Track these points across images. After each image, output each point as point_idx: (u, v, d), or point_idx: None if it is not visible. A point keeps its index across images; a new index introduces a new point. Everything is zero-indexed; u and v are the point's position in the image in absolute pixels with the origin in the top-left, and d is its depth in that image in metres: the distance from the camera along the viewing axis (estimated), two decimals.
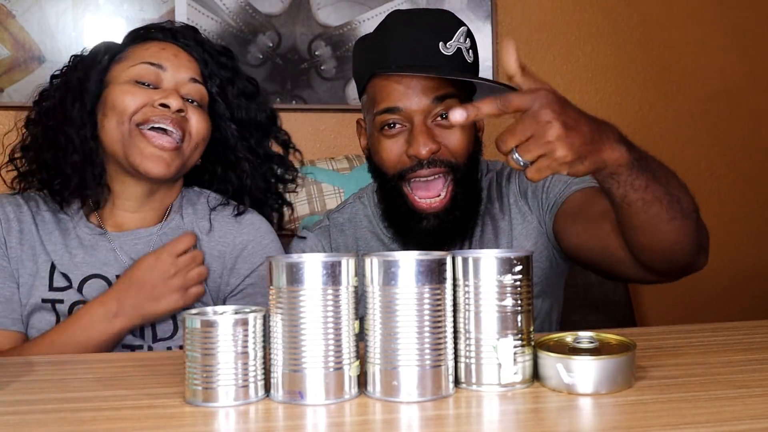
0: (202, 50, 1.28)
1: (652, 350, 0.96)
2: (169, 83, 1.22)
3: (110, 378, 0.90)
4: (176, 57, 1.24)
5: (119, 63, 1.25)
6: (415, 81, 1.26)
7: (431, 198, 1.28)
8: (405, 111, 1.27)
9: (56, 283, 1.21)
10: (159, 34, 1.28)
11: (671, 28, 2.36)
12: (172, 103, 1.19)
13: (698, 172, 2.39)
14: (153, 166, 1.18)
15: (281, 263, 0.77)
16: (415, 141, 1.25)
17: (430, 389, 0.77)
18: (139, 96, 1.19)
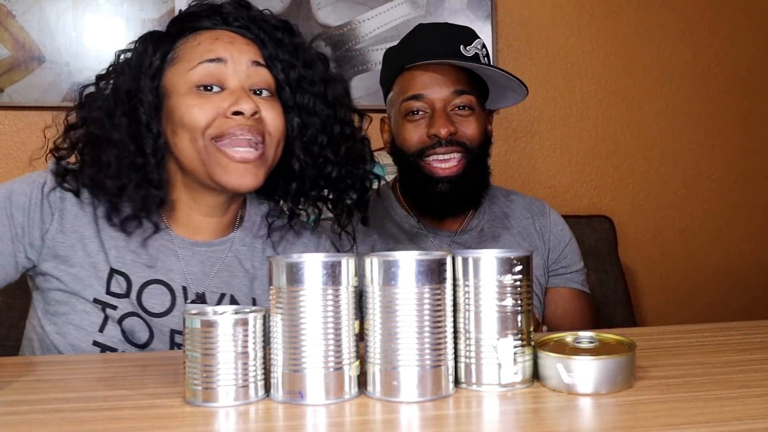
0: (258, 29, 1.16)
1: (652, 350, 0.96)
2: (233, 79, 1.11)
3: (110, 378, 0.90)
4: (232, 44, 1.13)
5: (174, 66, 1.13)
6: (438, 73, 1.47)
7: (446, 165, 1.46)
8: (428, 98, 1.46)
9: (113, 287, 1.12)
10: (207, 21, 1.15)
11: (671, 28, 2.36)
12: (245, 108, 1.08)
13: (698, 172, 2.39)
14: (241, 181, 1.10)
15: (281, 263, 0.77)
16: (435, 123, 1.44)
17: (430, 389, 0.77)
18: (208, 107, 1.09)
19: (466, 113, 1.48)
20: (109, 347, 1.10)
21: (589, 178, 2.33)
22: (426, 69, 1.47)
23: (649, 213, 2.37)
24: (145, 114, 1.11)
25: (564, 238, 1.62)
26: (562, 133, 2.32)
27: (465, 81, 1.48)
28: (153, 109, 1.12)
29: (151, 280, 1.14)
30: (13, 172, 2.02)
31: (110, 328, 1.11)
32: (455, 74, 1.47)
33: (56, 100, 2.00)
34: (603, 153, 2.34)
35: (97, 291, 1.12)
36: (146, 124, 1.11)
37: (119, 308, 1.11)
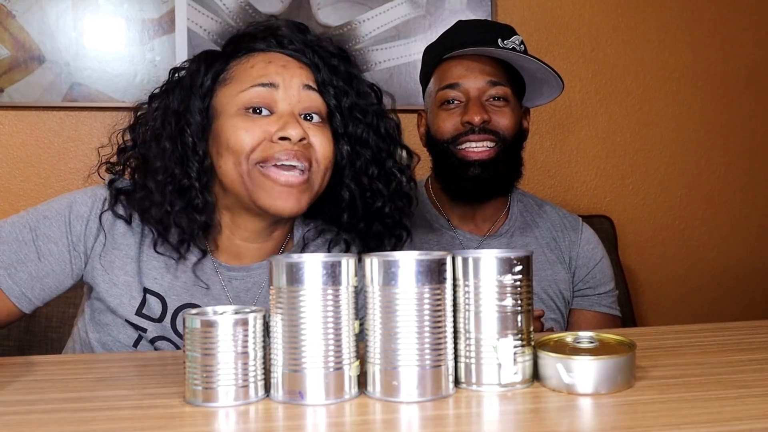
0: (313, 53, 1.13)
1: (652, 350, 0.96)
2: (284, 104, 1.09)
3: (110, 378, 0.90)
4: (285, 69, 1.10)
5: (225, 86, 1.12)
6: (474, 64, 1.50)
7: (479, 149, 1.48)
8: (463, 87, 1.49)
9: (145, 310, 1.13)
10: (262, 43, 1.13)
11: (671, 28, 2.36)
12: (293, 134, 1.06)
13: (698, 172, 2.39)
14: (284, 206, 1.07)
15: (281, 263, 0.77)
16: (470, 110, 1.47)
17: (430, 389, 0.77)
18: (256, 130, 1.07)
19: (500, 104, 1.50)
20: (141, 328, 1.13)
21: (589, 178, 2.33)
22: (462, 60, 1.50)
23: (649, 213, 2.37)
24: (192, 136, 1.10)
25: (594, 258, 1.59)
26: (562, 133, 2.32)
27: (501, 73, 1.51)
28: (200, 130, 1.11)
29: (187, 304, 1.14)
30: (13, 172, 2.02)
31: (144, 345, 1.13)
32: (491, 66, 1.50)
33: (56, 100, 2.00)
34: (603, 153, 2.34)
35: (128, 312, 1.13)
36: (192, 146, 1.10)
37: (149, 331, 1.12)
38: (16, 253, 1.10)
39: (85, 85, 2.01)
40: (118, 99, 2.02)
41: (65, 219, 1.13)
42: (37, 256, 1.11)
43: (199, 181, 1.10)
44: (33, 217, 1.13)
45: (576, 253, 1.58)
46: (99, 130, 2.05)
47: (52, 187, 2.02)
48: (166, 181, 1.09)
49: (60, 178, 2.03)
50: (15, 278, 1.10)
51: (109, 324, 1.14)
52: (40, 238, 1.11)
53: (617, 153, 2.35)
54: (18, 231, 1.11)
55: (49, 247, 1.11)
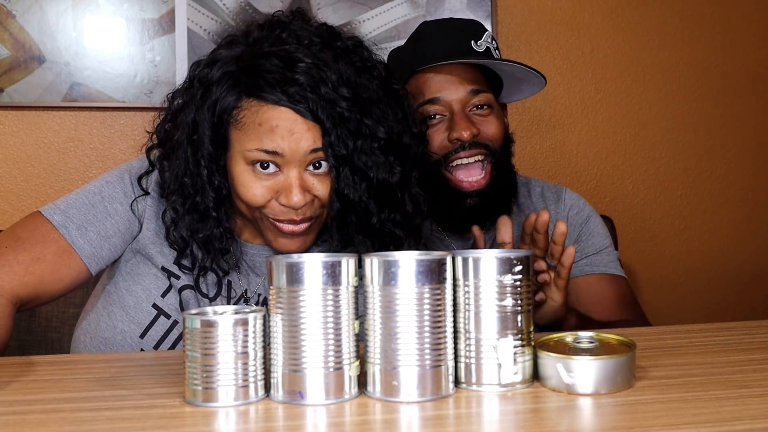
0: (323, 111, 1.07)
1: (652, 350, 0.96)
2: (290, 166, 1.09)
3: (110, 378, 0.90)
4: (292, 134, 1.07)
5: (235, 130, 1.11)
6: (453, 73, 1.40)
7: (472, 177, 1.40)
8: (445, 101, 1.40)
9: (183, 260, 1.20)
10: (273, 94, 1.07)
11: (671, 28, 2.36)
12: (295, 202, 1.09)
13: (698, 172, 2.39)
14: (289, 248, 1.15)
15: (281, 263, 0.77)
16: (457, 125, 1.38)
17: (430, 389, 0.77)
18: (262, 190, 1.10)
19: (485, 112, 1.42)
20: (165, 312, 1.19)
21: (589, 178, 2.33)
22: (439, 70, 1.40)
23: (649, 213, 2.37)
24: (206, 168, 1.13)
25: (578, 220, 1.50)
26: (562, 133, 2.32)
27: (480, 79, 1.42)
28: (213, 161, 1.13)
29: (209, 267, 1.20)
30: (13, 172, 2.02)
31: (171, 296, 1.19)
32: (470, 72, 1.41)
33: (56, 100, 2.00)
34: (603, 153, 2.34)
35: (167, 261, 1.20)
36: (207, 179, 1.13)
37: (182, 278, 1.19)
38: (86, 215, 1.17)
39: (85, 85, 2.01)
40: (118, 99, 2.02)
41: (126, 179, 1.21)
42: (105, 215, 1.18)
43: (216, 212, 1.15)
44: (96, 183, 1.22)
45: None
46: (99, 130, 2.05)
47: (52, 187, 2.02)
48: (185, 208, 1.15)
49: (60, 178, 2.03)
50: (87, 238, 1.17)
51: (142, 274, 1.21)
52: (106, 199, 1.19)
53: (617, 153, 2.35)
54: (85, 196, 1.20)
55: (115, 206, 1.19)
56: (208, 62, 1.15)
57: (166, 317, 1.18)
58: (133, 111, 2.05)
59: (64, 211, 1.17)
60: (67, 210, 1.17)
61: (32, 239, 1.15)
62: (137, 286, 1.20)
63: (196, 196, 1.14)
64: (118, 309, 1.20)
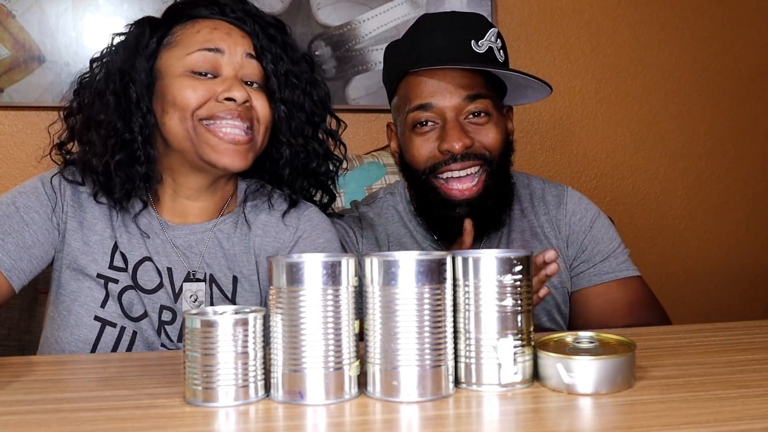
0: (253, 22, 1.20)
1: (652, 350, 0.96)
2: (228, 68, 1.16)
3: (110, 378, 0.90)
4: (229, 36, 1.17)
5: (170, 50, 1.18)
6: (447, 78, 1.29)
7: (463, 185, 1.30)
8: (437, 108, 1.29)
9: (116, 262, 1.18)
10: (205, 10, 1.20)
11: (671, 28, 2.36)
12: (237, 95, 1.13)
13: (698, 172, 2.39)
14: (230, 161, 1.14)
15: (281, 263, 0.77)
16: (448, 136, 1.27)
17: (430, 389, 0.77)
18: (201, 89, 1.14)
19: (482, 120, 1.31)
20: (109, 322, 1.16)
21: (589, 178, 2.33)
22: (433, 73, 1.29)
23: (649, 213, 2.37)
24: (136, 92, 1.16)
25: (583, 227, 1.41)
26: (562, 133, 2.32)
27: (478, 83, 1.30)
28: (144, 87, 1.17)
29: (144, 258, 1.20)
30: (13, 172, 2.02)
31: (111, 304, 1.17)
32: (467, 76, 1.29)
33: (56, 100, 2.00)
34: (603, 153, 2.34)
35: (102, 267, 1.18)
36: (136, 102, 1.16)
37: (120, 281, 1.17)
38: (1, 226, 1.14)
39: None
40: None
41: (40, 188, 1.19)
42: (22, 226, 1.15)
43: (141, 135, 1.16)
44: (9, 195, 1.19)
45: (566, 231, 1.41)
46: None
47: None
48: (109, 134, 1.15)
49: None
50: (4, 249, 1.13)
51: (76, 291, 1.17)
52: (21, 209, 1.16)
53: (617, 153, 2.35)
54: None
55: (31, 215, 1.16)
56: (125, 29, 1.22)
57: (112, 326, 1.15)
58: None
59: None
60: None
61: None
62: (74, 304, 1.16)
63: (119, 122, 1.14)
64: (63, 332, 1.16)
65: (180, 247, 1.22)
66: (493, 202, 1.33)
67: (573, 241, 1.40)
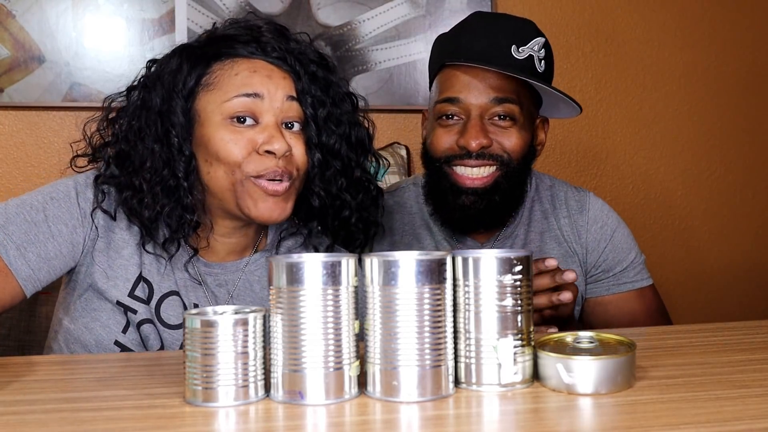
0: (296, 61, 1.14)
1: (652, 350, 0.96)
2: (268, 115, 1.11)
3: (110, 378, 0.90)
4: (270, 79, 1.11)
5: (208, 92, 1.12)
6: (480, 77, 1.31)
7: (474, 173, 1.32)
8: (464, 103, 1.31)
9: (137, 292, 1.15)
10: (245, 49, 1.13)
11: (671, 29, 2.36)
12: (278, 148, 1.09)
13: (698, 172, 2.39)
14: (270, 215, 1.11)
15: (281, 263, 0.77)
16: (467, 133, 1.30)
17: (430, 389, 0.77)
18: (242, 141, 1.09)
19: (506, 124, 1.32)
20: (128, 348, 1.14)
21: (589, 178, 2.33)
22: (467, 69, 1.32)
23: (649, 213, 2.37)
24: (177, 137, 1.11)
25: (604, 236, 1.43)
26: (563, 133, 2.32)
27: (509, 87, 1.31)
28: (185, 131, 1.12)
29: (170, 292, 1.17)
30: (13, 172, 2.02)
31: (131, 332, 1.14)
32: (499, 79, 1.30)
33: (56, 100, 2.00)
34: (603, 153, 2.34)
35: (121, 294, 1.14)
36: (179, 147, 1.11)
37: (139, 312, 1.14)
38: (27, 234, 1.10)
39: (85, 85, 2.01)
40: None
41: (73, 198, 1.14)
42: (48, 237, 1.11)
43: (187, 181, 1.12)
44: (40, 197, 1.14)
45: (586, 238, 1.43)
46: None
47: None
48: (155, 181, 1.11)
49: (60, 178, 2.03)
50: (26, 258, 1.09)
51: (98, 310, 1.15)
52: (50, 218, 1.12)
53: (617, 153, 2.35)
54: (27, 212, 1.11)
55: (59, 227, 1.12)
56: (163, 58, 1.17)
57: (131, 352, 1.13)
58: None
59: (3, 226, 1.09)
60: (6, 226, 1.09)
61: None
62: (95, 323, 1.14)
63: (165, 169, 1.10)
64: (80, 348, 1.14)
65: (209, 285, 1.20)
66: (501, 199, 1.34)
67: (593, 249, 1.43)
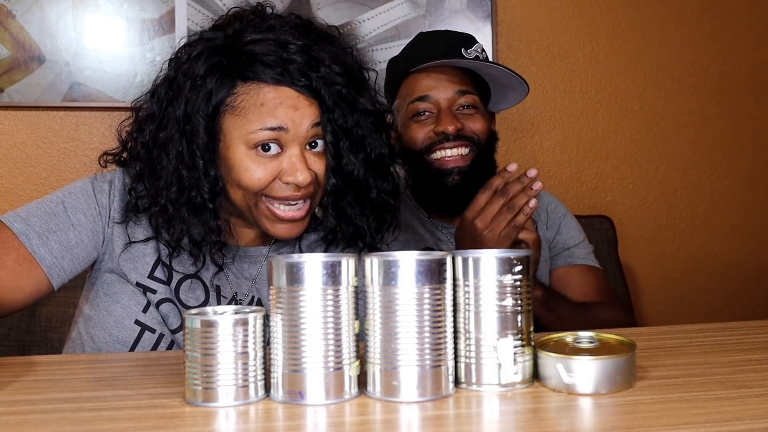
0: (322, 85, 1.10)
1: (652, 350, 0.96)
2: (293, 145, 1.10)
3: (110, 378, 0.90)
4: (296, 110, 1.09)
5: (233, 116, 1.10)
6: (442, 76, 1.54)
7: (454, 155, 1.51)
8: (433, 99, 1.53)
9: (156, 273, 1.17)
10: (272, 75, 1.09)
11: (671, 28, 2.36)
12: (301, 180, 1.09)
13: (698, 172, 2.39)
14: (284, 234, 1.14)
15: (281, 263, 0.77)
16: (443, 120, 1.51)
17: (430, 389, 0.77)
18: (264, 171, 1.09)
19: (470, 111, 1.54)
20: (149, 327, 1.16)
21: (589, 178, 2.33)
22: (430, 72, 1.54)
23: (649, 213, 2.37)
24: (202, 159, 1.11)
25: (558, 214, 1.66)
26: (562, 133, 2.32)
27: (468, 82, 1.55)
28: (210, 152, 1.12)
29: (189, 275, 1.19)
30: (13, 172, 2.02)
31: (152, 310, 1.17)
32: (458, 76, 1.54)
33: (56, 100, 2.00)
34: (603, 153, 2.34)
35: (141, 275, 1.17)
36: (204, 171, 1.11)
37: (158, 292, 1.17)
38: (47, 224, 1.13)
39: (85, 85, 2.01)
40: (118, 99, 2.02)
41: (90, 192, 1.18)
42: (68, 225, 1.15)
43: (213, 203, 1.12)
44: (59, 193, 1.18)
45: (545, 216, 1.64)
46: (99, 130, 2.05)
47: (52, 187, 2.02)
48: (181, 202, 1.11)
49: (60, 178, 2.03)
50: (48, 247, 1.12)
51: (119, 293, 1.17)
52: (69, 209, 1.16)
53: (617, 153, 2.35)
54: (47, 205, 1.16)
55: (78, 217, 1.16)
56: (189, 58, 1.13)
57: (151, 332, 1.16)
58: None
59: (24, 219, 1.13)
60: (28, 218, 1.13)
61: None
62: (116, 305, 1.16)
63: (191, 191, 1.11)
64: (101, 331, 1.16)
65: (231, 269, 1.22)
66: (479, 175, 1.49)
67: (551, 226, 1.65)
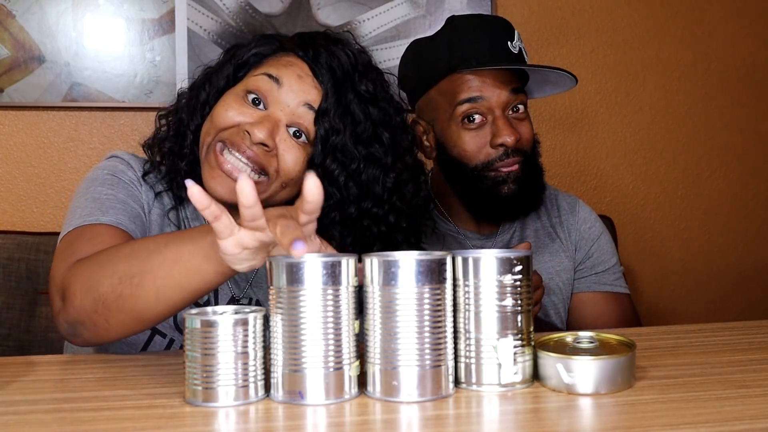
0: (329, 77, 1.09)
1: (652, 350, 0.96)
2: (276, 108, 1.08)
3: (110, 378, 0.90)
4: (300, 79, 1.09)
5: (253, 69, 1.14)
6: (495, 74, 1.40)
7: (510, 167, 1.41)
8: (486, 101, 1.39)
9: None
10: (302, 50, 1.12)
11: (671, 28, 2.36)
12: (257, 134, 1.04)
13: (698, 172, 2.39)
14: (217, 189, 1.06)
15: (281, 263, 0.77)
16: (500, 130, 1.38)
17: (430, 389, 0.77)
18: (237, 113, 1.08)
19: (521, 115, 1.43)
20: (160, 331, 1.15)
21: (589, 178, 2.33)
22: (479, 70, 1.39)
23: (649, 213, 2.37)
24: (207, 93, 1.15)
25: (591, 236, 1.54)
26: (562, 133, 2.32)
27: (517, 79, 1.43)
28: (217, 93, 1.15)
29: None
30: (13, 172, 2.02)
31: None
32: (509, 73, 1.42)
33: (56, 100, 2.00)
34: (603, 153, 2.34)
35: None
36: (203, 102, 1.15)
37: None
38: (105, 203, 1.09)
39: (85, 85, 2.01)
40: (118, 99, 2.02)
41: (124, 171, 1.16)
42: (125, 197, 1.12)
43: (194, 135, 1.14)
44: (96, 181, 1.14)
45: (576, 236, 1.53)
46: (99, 130, 2.05)
47: (52, 187, 2.02)
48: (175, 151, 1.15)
49: (60, 178, 2.03)
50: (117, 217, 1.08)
51: None
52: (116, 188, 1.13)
53: (617, 153, 2.35)
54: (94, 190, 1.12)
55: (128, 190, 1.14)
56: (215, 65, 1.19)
57: (162, 336, 1.14)
58: (133, 111, 2.05)
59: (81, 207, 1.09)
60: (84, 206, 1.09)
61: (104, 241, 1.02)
62: None
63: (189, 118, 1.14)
64: None
65: None
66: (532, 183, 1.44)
67: (581, 247, 1.53)
